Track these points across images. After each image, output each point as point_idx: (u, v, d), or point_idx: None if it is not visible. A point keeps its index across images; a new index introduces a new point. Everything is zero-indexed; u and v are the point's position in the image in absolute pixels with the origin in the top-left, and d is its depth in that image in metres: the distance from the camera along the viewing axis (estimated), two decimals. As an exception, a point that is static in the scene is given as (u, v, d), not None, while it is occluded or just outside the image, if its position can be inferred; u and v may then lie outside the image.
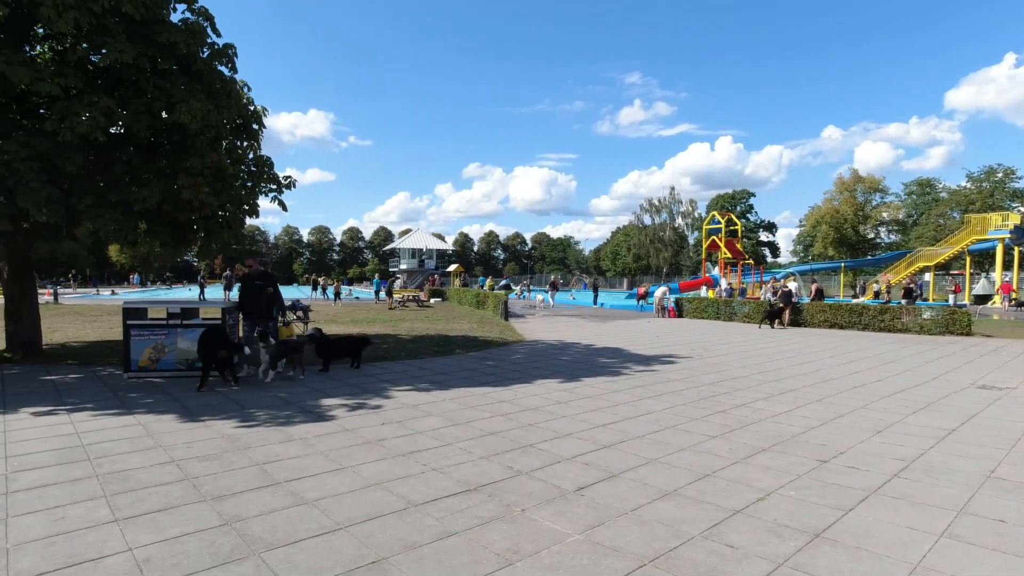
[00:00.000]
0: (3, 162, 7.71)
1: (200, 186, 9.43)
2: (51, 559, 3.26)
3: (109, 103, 8.33)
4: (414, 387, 8.41)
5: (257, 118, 11.98)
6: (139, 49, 8.64)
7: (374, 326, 18.20)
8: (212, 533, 3.58)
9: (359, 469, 4.78)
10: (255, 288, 9.39)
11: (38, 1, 7.25)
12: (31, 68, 7.67)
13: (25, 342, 10.52)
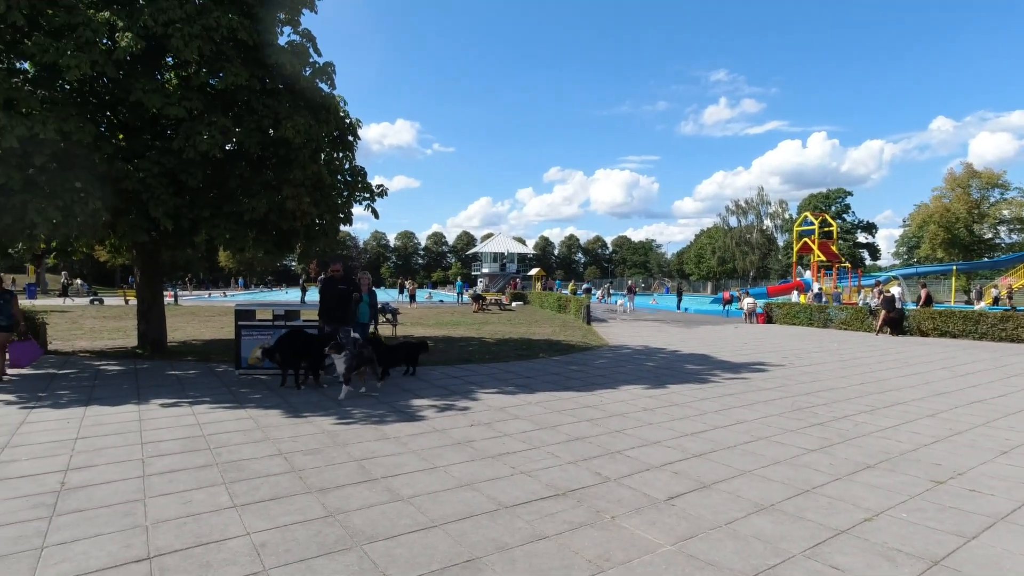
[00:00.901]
0: (139, 179, 8.60)
1: (302, 196, 10.08)
2: (183, 538, 3.61)
3: (226, 122, 9.09)
4: (500, 390, 8.56)
5: (352, 130, 12.63)
6: (251, 71, 9.38)
7: (458, 328, 18.65)
8: (318, 523, 3.83)
9: (450, 469, 4.95)
10: (338, 293, 8.94)
11: (169, 33, 8.06)
12: (162, 94, 8.52)
13: (153, 340, 11.65)
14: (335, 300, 8.88)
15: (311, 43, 11.16)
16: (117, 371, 9.69)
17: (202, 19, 8.43)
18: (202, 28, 8.38)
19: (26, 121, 7.11)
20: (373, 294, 9.96)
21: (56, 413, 6.76)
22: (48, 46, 7.51)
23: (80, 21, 7.74)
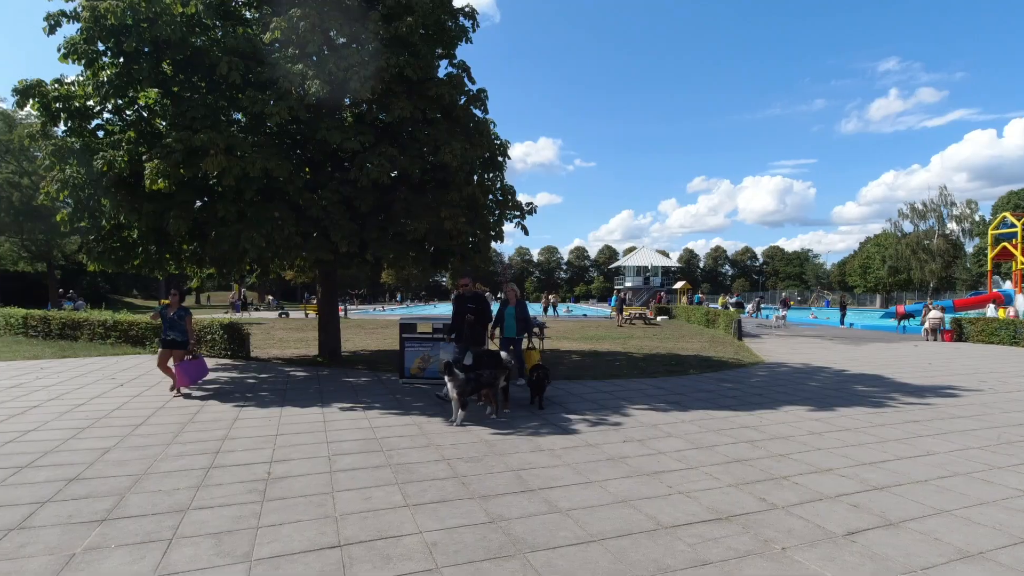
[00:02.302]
0: (322, 207, 9.76)
1: (458, 216, 10.73)
2: (366, 531, 4.01)
3: (393, 152, 10.01)
4: (651, 406, 8.40)
5: (502, 151, 13.22)
6: (414, 104, 10.25)
7: (604, 343, 18.55)
8: (482, 528, 4.05)
9: (606, 484, 4.97)
10: (470, 311, 8.57)
11: (348, 77, 9.10)
12: (340, 131, 9.61)
13: (331, 349, 13.04)
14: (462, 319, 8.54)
15: (466, 73, 11.92)
16: (303, 377, 10.97)
17: (375, 62, 9.39)
18: (375, 70, 9.34)
19: (241, 163, 8.43)
20: (523, 306, 9.54)
21: (260, 412, 7.83)
22: (256, 98, 8.86)
23: (280, 75, 9.03)
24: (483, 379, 7.41)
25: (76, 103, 8.95)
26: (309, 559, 3.58)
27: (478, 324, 8.57)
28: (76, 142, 9.18)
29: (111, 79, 8.74)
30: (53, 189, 9.01)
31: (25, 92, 8.69)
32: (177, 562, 3.52)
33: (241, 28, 9.81)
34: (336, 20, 9.54)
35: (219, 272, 11.82)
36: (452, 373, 7.07)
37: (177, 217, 8.72)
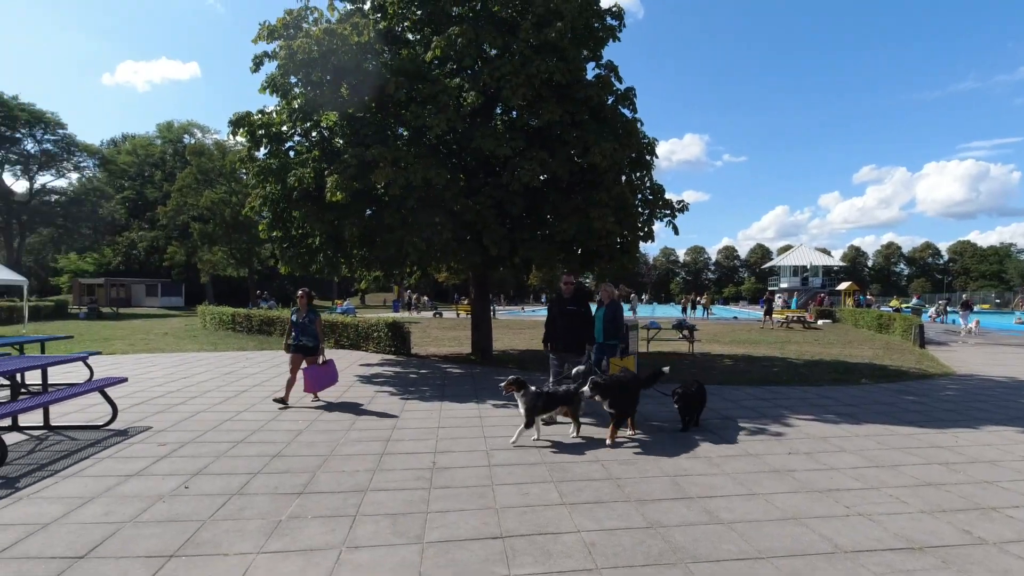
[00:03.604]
0: (476, 211, 10.27)
1: (607, 217, 10.70)
2: (526, 525, 4.16)
3: (543, 155, 10.25)
4: (817, 417, 7.73)
5: (650, 149, 12.93)
6: (563, 107, 10.41)
7: (759, 347, 17.38)
8: (640, 533, 4.01)
9: (771, 498, 4.67)
10: (567, 314, 7.51)
11: (501, 86, 9.51)
12: (493, 138, 10.06)
13: (483, 348, 13.66)
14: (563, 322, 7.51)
15: (613, 73, 11.86)
16: (458, 374, 11.61)
17: (526, 69, 9.71)
18: (526, 77, 9.65)
19: (405, 173, 9.18)
20: (616, 307, 8.21)
21: (423, 405, 8.43)
22: (419, 113, 9.58)
23: (440, 89, 9.68)
24: (558, 395, 6.51)
25: (273, 129, 10.36)
26: (474, 547, 3.80)
27: (577, 329, 7.46)
28: (273, 163, 10.59)
29: (301, 106, 9.98)
30: (256, 204, 10.50)
31: (237, 123, 10.28)
32: (361, 537, 3.92)
33: (405, 50, 10.64)
34: (490, 33, 9.99)
35: (385, 274, 12.92)
36: (521, 387, 6.29)
37: (351, 225, 9.71)
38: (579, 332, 7.47)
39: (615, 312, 8.11)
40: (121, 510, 4.33)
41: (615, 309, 8.15)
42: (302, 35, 9.57)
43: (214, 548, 3.74)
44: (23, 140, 47.13)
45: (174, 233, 51.10)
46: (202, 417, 7.37)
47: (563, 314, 7.54)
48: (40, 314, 30.37)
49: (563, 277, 7.71)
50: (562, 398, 6.52)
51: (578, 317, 7.49)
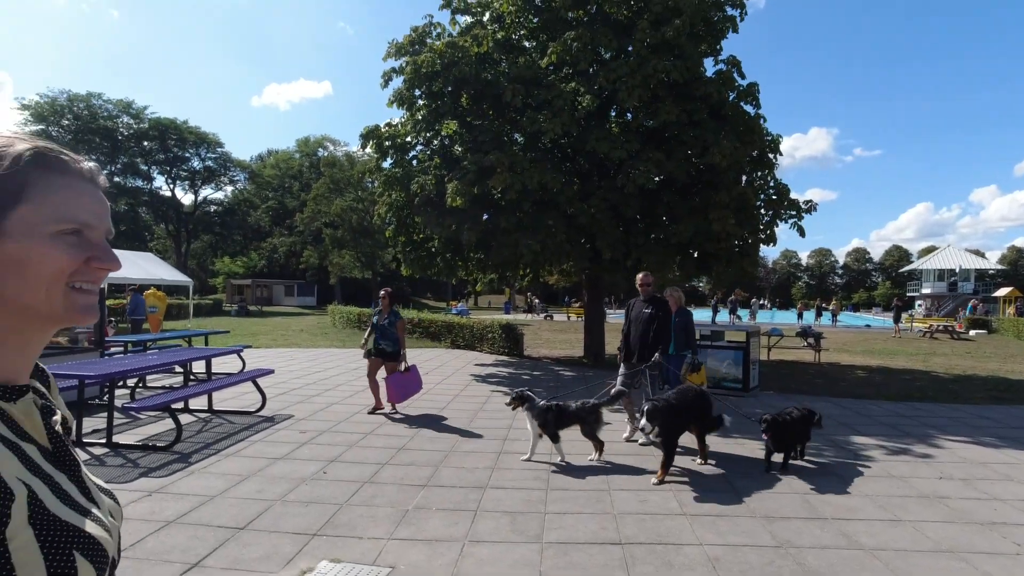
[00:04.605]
0: (590, 215, 10.27)
1: (727, 218, 10.27)
2: (645, 533, 4.11)
3: (659, 156, 10.05)
4: (972, 439, 6.90)
5: (773, 147, 12.24)
6: (681, 107, 10.14)
7: (897, 359, 15.79)
8: (768, 552, 3.82)
9: (921, 526, 4.25)
10: (643, 318, 6.59)
11: (616, 88, 9.46)
12: (608, 141, 10.01)
13: (595, 351, 13.60)
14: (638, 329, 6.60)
15: (736, 68, 11.35)
16: (570, 376, 11.65)
17: (642, 70, 9.58)
18: (642, 78, 9.51)
19: (521, 178, 9.39)
20: (687, 314, 7.57)
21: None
22: (534, 118, 9.76)
23: (555, 94, 9.81)
24: (569, 410, 5.79)
25: (398, 140, 11.03)
26: (593, 551, 3.81)
27: (653, 337, 6.49)
28: (398, 171, 11.28)
29: (424, 117, 10.55)
30: (383, 211, 11.24)
31: (367, 136, 11.10)
32: (482, 532, 4.07)
33: (522, 58, 10.90)
34: (606, 36, 9.97)
35: (499, 276, 13.28)
36: (525, 401, 5.79)
37: (469, 229, 10.09)
38: (655, 341, 6.43)
39: (687, 320, 7.41)
40: (271, 489, 4.82)
41: (686, 317, 7.45)
42: (426, 50, 10.14)
43: (350, 531, 4.05)
44: (191, 159, 54.68)
45: (309, 238, 55.79)
46: (335, 409, 7.99)
47: (638, 319, 6.63)
48: (201, 311, 34.33)
49: (639, 276, 6.73)
50: (575, 414, 5.79)
51: (655, 323, 6.49)
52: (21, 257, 0.67)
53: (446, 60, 9.86)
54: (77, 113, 46.94)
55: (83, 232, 0.71)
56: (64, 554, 0.63)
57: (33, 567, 0.61)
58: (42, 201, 0.68)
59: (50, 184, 0.69)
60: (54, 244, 0.68)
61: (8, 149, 0.68)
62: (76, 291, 0.71)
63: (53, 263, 0.68)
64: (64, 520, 0.66)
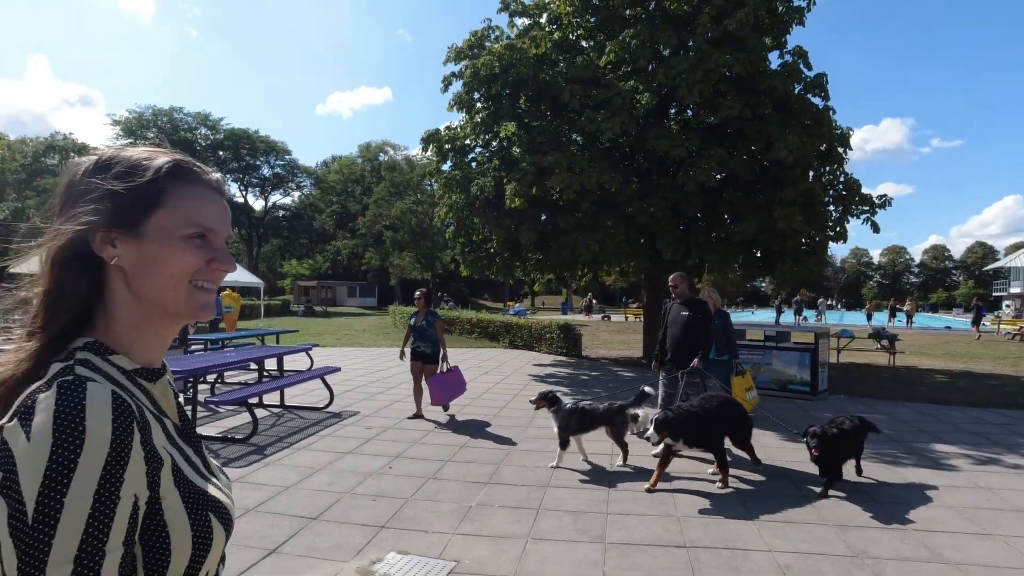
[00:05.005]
0: (650, 214, 10.13)
1: (793, 215, 9.91)
2: (710, 537, 4.03)
3: (721, 153, 9.80)
4: (1076, 453, 6.39)
5: (843, 141, 11.73)
6: (744, 101, 9.85)
7: (982, 363, 14.75)
8: (843, 562, 3.67)
9: (1015, 543, 3.98)
10: (681, 322, 6.12)
11: (676, 85, 9.30)
12: (667, 139, 9.85)
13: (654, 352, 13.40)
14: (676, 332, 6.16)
15: (802, 59, 10.93)
16: (629, 376, 11.51)
17: (703, 65, 9.37)
18: (703, 73, 9.31)
19: (579, 178, 9.38)
20: (726, 317, 7.20)
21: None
22: (593, 118, 9.72)
23: (614, 93, 9.74)
24: (596, 413, 5.62)
25: (458, 143, 11.23)
26: (657, 552, 3.78)
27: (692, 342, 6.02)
28: (458, 174, 11.48)
29: (483, 120, 10.70)
30: (443, 213, 11.46)
31: (428, 139, 11.36)
32: (545, 530, 4.10)
33: (580, 57, 10.87)
34: (665, 32, 9.82)
35: (557, 277, 13.29)
36: (553, 403, 5.63)
37: (528, 230, 10.15)
38: (695, 346, 5.98)
39: (725, 322, 7.00)
40: (341, 482, 5.01)
41: (724, 319, 7.03)
42: (485, 53, 10.27)
43: (415, 524, 4.17)
44: (261, 166, 57.93)
45: (370, 241, 57.43)
46: (398, 407, 8.20)
47: (675, 323, 6.17)
48: (271, 311, 35.93)
49: (671, 277, 6.29)
50: (600, 417, 5.60)
51: (694, 326, 6.01)
52: (156, 256, 0.75)
53: (504, 62, 9.96)
54: (161, 126, 50.35)
55: (207, 236, 0.79)
56: (202, 515, 0.73)
57: (180, 525, 0.70)
58: (175, 207, 0.77)
59: (183, 192, 0.78)
60: (183, 246, 0.77)
61: (151, 162, 0.77)
62: (198, 289, 0.79)
63: (181, 263, 0.76)
64: (198, 486, 0.75)
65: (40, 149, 48.41)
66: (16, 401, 0.66)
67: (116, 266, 0.75)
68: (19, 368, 0.71)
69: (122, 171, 0.76)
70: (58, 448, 0.61)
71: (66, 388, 0.65)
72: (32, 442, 0.61)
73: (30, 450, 0.61)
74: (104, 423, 0.64)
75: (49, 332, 0.73)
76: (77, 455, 0.61)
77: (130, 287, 0.76)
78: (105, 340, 0.75)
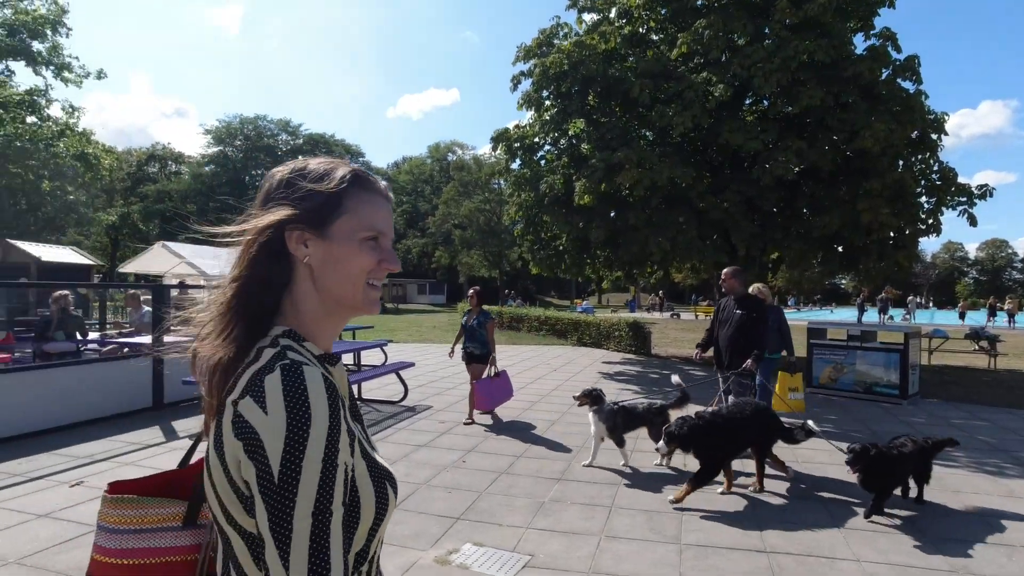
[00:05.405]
0: (723, 209, 9.84)
1: (879, 207, 9.37)
2: (792, 543, 3.90)
3: (800, 145, 9.38)
4: None
5: (937, 127, 10.95)
6: (825, 89, 9.38)
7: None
8: None
9: None
10: (734, 320, 5.72)
11: (752, 75, 8.97)
12: (742, 132, 9.53)
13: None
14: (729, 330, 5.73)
15: (890, 41, 10.28)
16: (701, 376, 11.22)
17: (781, 53, 9.00)
18: (781, 61, 8.94)
19: (650, 174, 9.23)
20: (779, 313, 6.80)
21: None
22: (663, 112, 9.54)
23: (685, 86, 9.52)
24: (637, 412, 5.51)
25: (527, 141, 11.30)
26: (735, 556, 3.69)
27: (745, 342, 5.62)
28: (527, 172, 11.56)
29: (552, 117, 10.72)
30: (513, 211, 11.57)
31: (497, 138, 11.51)
32: (618, 528, 4.10)
33: (650, 51, 10.69)
34: (740, 21, 9.50)
35: (626, 274, 13.15)
36: (597, 402, 5.46)
37: (598, 227, 10.08)
38: (748, 346, 5.60)
39: (779, 319, 6.63)
40: (417, 473, 5.18)
41: (779, 315, 6.65)
42: (554, 51, 10.27)
43: (490, 517, 4.26)
44: None
45: (440, 239, 58.69)
46: (469, 402, 8.37)
47: (727, 322, 5.80)
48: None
49: (724, 272, 5.93)
50: (640, 417, 5.47)
51: (747, 325, 5.62)
52: (340, 256, 0.85)
53: (574, 59, 9.93)
54: (247, 134, 53.57)
55: (379, 239, 0.88)
56: (380, 483, 0.84)
57: (367, 491, 0.81)
58: (355, 212, 0.87)
59: (361, 199, 0.88)
60: (362, 248, 0.86)
61: (335, 172, 0.88)
62: (370, 287, 0.89)
63: (361, 263, 0.86)
64: (375, 457, 0.86)
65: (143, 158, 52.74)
66: (239, 380, 0.77)
67: (305, 264, 0.85)
68: (228, 352, 0.81)
69: (314, 179, 0.86)
70: (291, 422, 0.71)
71: (288, 370, 0.75)
72: (270, 416, 0.71)
73: (269, 423, 0.71)
74: (322, 401, 0.74)
75: (249, 321, 0.83)
76: (308, 427, 0.71)
77: (315, 283, 0.86)
78: (295, 329, 0.85)
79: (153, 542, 0.93)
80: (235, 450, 0.73)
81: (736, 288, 5.80)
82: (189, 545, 0.95)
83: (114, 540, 0.92)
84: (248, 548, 0.76)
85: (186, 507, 0.96)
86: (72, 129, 24.58)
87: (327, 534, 0.70)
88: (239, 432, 0.73)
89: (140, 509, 0.94)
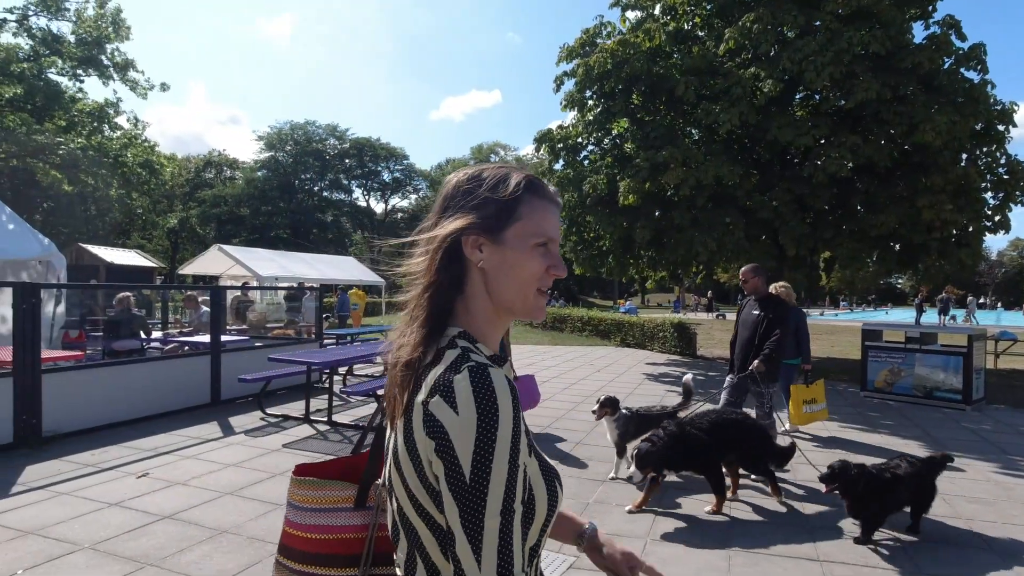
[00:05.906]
0: (772, 208, 9.59)
1: (942, 204, 8.96)
2: (847, 553, 3.79)
3: (854, 140, 9.06)
4: None
5: (1005, 118, 10.38)
6: (882, 81, 9.03)
7: None
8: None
9: None
10: (751, 321, 5.45)
11: (803, 69, 8.71)
12: (792, 128, 9.26)
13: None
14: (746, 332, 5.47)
15: (953, 29, 9.81)
16: (747, 379, 10.99)
17: (833, 45, 8.71)
18: (834, 54, 8.65)
19: (695, 173, 9.09)
20: (799, 315, 6.44)
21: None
22: (710, 110, 9.37)
23: (733, 82, 9.32)
24: (650, 417, 5.29)
25: (570, 141, 11.29)
26: (787, 564, 3.62)
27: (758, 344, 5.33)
28: (570, 172, 11.54)
29: (596, 117, 10.68)
30: (556, 212, 11.63)
31: (540, 139, 11.55)
32: (664, 532, 4.06)
33: (696, 48, 10.51)
34: (789, 13, 9.24)
35: (670, 275, 12.98)
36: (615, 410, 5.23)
37: (643, 227, 9.98)
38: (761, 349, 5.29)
39: (799, 321, 6.26)
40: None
41: (799, 317, 6.24)
42: (597, 51, 10.22)
43: (535, 517, 4.28)
44: (382, 172, 62.12)
45: (482, 240, 59.58)
46: (513, 402, 8.42)
47: (745, 323, 5.50)
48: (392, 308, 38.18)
49: (742, 270, 5.54)
50: (655, 421, 5.08)
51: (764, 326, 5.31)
52: (513, 262, 0.87)
53: (617, 58, 9.85)
54: (297, 139, 55.36)
55: (548, 244, 0.90)
56: (551, 481, 0.86)
57: (540, 489, 0.84)
58: (529, 218, 0.88)
59: (534, 205, 0.89)
60: (533, 253, 0.88)
61: (509, 179, 0.90)
62: (539, 293, 0.90)
63: (532, 268, 0.88)
64: (543, 457, 0.89)
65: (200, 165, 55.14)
66: (423, 380, 0.81)
67: (479, 268, 0.87)
68: (415, 352, 0.85)
69: (490, 186, 0.89)
70: (482, 422, 0.73)
71: (475, 372, 0.77)
72: (460, 416, 0.74)
73: (460, 422, 0.74)
74: (508, 402, 0.76)
75: (432, 321, 0.86)
76: (496, 428, 0.74)
77: (487, 286, 0.88)
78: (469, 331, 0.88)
79: (330, 520, 1.02)
80: (427, 449, 0.76)
81: (759, 287, 5.46)
82: (359, 524, 1.03)
83: (300, 516, 1.04)
84: (437, 540, 0.79)
85: (356, 490, 1.04)
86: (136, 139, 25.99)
87: (511, 531, 0.73)
88: (430, 431, 0.75)
89: (319, 491, 1.04)
